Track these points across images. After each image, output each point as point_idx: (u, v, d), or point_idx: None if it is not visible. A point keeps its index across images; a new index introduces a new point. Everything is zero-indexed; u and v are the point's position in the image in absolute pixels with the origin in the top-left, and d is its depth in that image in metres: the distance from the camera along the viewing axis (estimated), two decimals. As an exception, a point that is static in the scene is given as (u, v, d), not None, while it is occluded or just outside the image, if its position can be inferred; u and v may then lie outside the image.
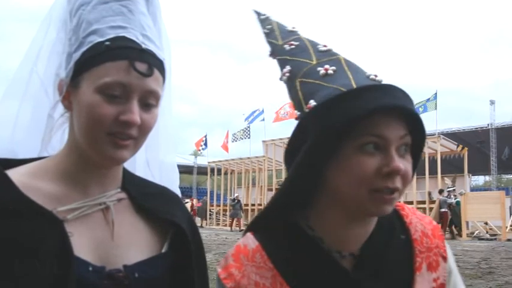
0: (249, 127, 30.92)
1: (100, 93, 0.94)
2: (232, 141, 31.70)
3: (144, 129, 0.98)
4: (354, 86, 0.96)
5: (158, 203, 1.11)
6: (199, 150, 38.21)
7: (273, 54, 1.17)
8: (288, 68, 1.09)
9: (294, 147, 0.99)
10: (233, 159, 30.73)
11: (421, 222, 1.10)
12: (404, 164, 0.94)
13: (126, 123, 0.95)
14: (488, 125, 35.86)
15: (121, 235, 1.02)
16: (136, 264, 1.00)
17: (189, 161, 51.25)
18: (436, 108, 25.73)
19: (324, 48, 1.09)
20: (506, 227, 18.87)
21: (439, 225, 1.12)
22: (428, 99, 26.06)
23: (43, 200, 0.95)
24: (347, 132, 0.93)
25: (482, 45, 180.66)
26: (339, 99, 0.94)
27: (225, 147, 32.22)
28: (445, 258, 1.07)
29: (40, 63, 1.13)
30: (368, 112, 0.91)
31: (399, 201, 1.11)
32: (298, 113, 1.01)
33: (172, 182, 1.29)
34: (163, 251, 1.07)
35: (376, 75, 1.00)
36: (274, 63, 1.15)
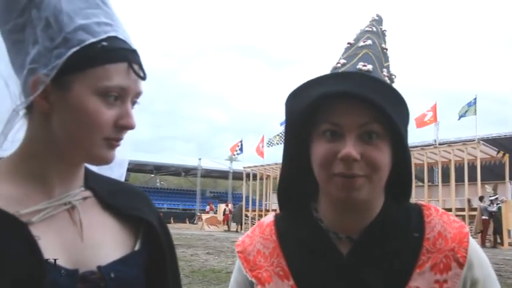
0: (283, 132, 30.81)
1: (98, 96, 0.90)
2: (268, 147, 31.66)
3: (129, 130, 0.97)
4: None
5: (125, 200, 1.06)
6: (234, 155, 38.41)
7: None
8: None
9: None
10: (268, 165, 30.71)
11: (443, 224, 1.06)
12: (366, 150, 0.96)
13: (125, 127, 0.94)
14: (530, 130, 34.75)
15: (91, 235, 0.96)
16: (111, 264, 0.95)
17: (224, 166, 51.56)
18: (475, 113, 25.16)
19: (363, 44, 1.12)
20: (550, 236, 18.26)
21: (467, 233, 1.06)
22: (469, 104, 25.53)
23: (3, 203, 0.88)
24: (309, 120, 1.01)
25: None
26: (300, 89, 1.03)
27: (260, 152, 32.21)
28: (461, 265, 1.01)
29: None
30: (312, 99, 0.97)
31: (432, 205, 1.13)
32: None
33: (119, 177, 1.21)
34: (136, 249, 1.02)
35: (365, 65, 1.03)
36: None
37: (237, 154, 35.73)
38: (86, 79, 0.90)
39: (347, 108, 0.97)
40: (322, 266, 1.03)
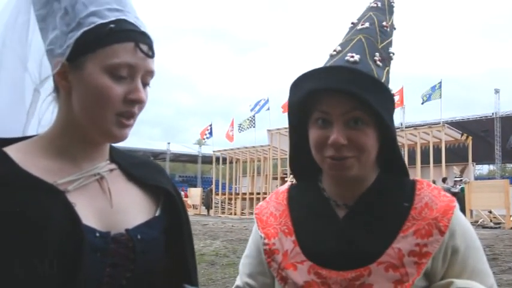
0: (254, 116, 30.87)
1: (108, 73, 1.00)
2: (240, 132, 31.57)
3: (142, 107, 1.06)
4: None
5: (146, 172, 1.19)
6: (204, 139, 38.31)
7: None
8: None
9: None
10: (238, 148, 30.80)
11: (431, 197, 1.16)
12: (352, 134, 1.10)
13: (134, 101, 1.02)
14: (492, 113, 35.79)
15: (118, 202, 1.08)
16: (137, 226, 1.07)
17: (193, 150, 51.34)
18: (440, 97, 25.71)
19: (361, 27, 1.26)
20: (511, 216, 18.92)
21: (453, 207, 1.16)
22: (433, 88, 26.04)
23: (41, 174, 0.99)
24: (306, 109, 1.16)
25: (484, 32, 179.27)
26: (297, 81, 1.17)
27: (229, 136, 32.19)
28: (442, 232, 1.11)
29: (12, 38, 1.13)
30: (304, 94, 1.13)
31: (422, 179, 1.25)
32: None
33: None
34: (157, 214, 1.14)
35: (352, 56, 1.15)
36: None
37: (207, 138, 35.63)
38: (97, 58, 1.00)
39: (333, 99, 1.11)
40: (321, 227, 1.19)
